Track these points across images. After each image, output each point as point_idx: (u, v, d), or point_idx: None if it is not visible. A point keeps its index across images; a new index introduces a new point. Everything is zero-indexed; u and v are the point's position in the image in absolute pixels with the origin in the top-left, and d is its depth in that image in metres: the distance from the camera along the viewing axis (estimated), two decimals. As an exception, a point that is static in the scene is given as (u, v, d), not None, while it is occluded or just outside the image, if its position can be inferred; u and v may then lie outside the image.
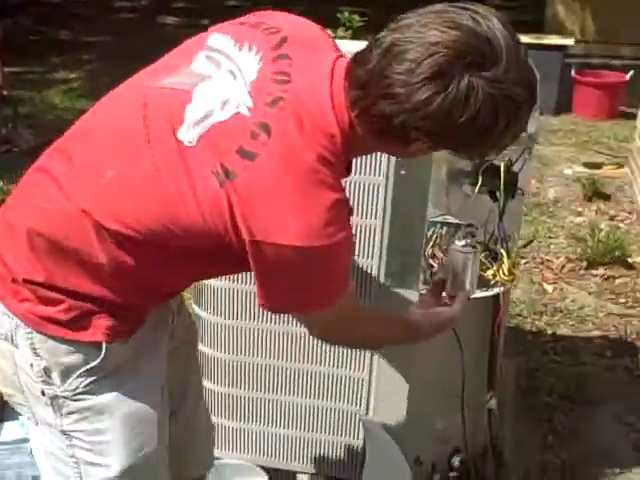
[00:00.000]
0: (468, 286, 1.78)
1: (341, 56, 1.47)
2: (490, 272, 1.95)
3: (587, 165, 5.80)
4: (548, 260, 4.52)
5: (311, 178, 1.36)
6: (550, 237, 4.81)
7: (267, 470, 2.44)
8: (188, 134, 1.41)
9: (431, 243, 1.92)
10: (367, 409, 2.29)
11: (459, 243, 1.77)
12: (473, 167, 1.88)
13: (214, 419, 2.42)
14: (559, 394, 3.32)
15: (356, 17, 5.98)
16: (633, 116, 5.88)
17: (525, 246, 2.39)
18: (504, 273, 1.94)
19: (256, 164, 1.36)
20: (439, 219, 1.90)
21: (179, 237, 1.43)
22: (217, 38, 1.51)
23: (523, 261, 4.48)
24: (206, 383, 2.30)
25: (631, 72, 6.89)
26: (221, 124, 1.40)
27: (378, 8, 7.39)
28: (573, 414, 3.22)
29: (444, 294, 1.79)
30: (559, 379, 3.41)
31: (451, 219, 1.89)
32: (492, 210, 1.92)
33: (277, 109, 1.38)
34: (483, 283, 1.99)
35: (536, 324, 3.85)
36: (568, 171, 5.80)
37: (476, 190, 1.87)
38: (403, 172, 1.89)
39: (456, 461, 2.39)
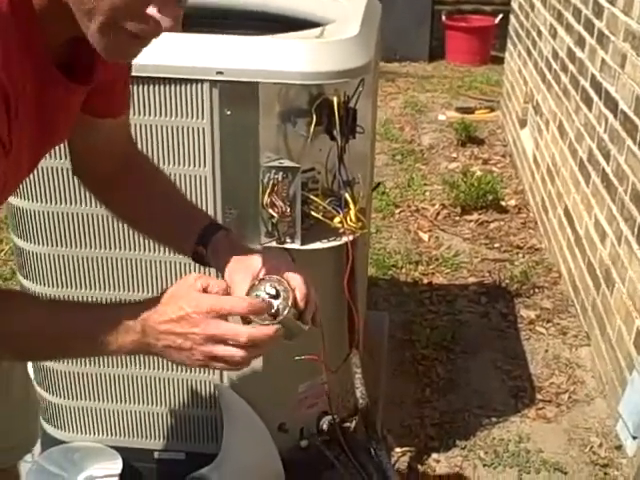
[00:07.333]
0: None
1: None
2: (337, 220, 1.77)
3: (460, 110, 5.75)
4: (423, 208, 4.43)
5: None
6: (425, 184, 4.73)
7: (122, 450, 2.25)
8: None
9: (268, 191, 1.72)
10: (221, 377, 2.11)
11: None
12: (307, 104, 1.69)
13: (56, 400, 2.22)
14: (435, 345, 3.24)
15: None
16: (504, 60, 5.84)
17: (374, 190, 2.23)
18: (351, 220, 1.76)
19: None
20: (275, 164, 1.70)
21: None
22: None
23: (397, 210, 4.39)
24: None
25: (500, 16, 6.87)
26: None
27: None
28: (450, 364, 3.14)
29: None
30: (435, 329, 3.33)
31: (288, 163, 1.69)
32: (333, 151, 1.74)
33: None
34: (331, 233, 1.82)
35: (412, 274, 3.75)
36: (442, 117, 5.74)
37: (311, 130, 1.68)
38: (228, 112, 1.69)
39: (325, 424, 2.24)
